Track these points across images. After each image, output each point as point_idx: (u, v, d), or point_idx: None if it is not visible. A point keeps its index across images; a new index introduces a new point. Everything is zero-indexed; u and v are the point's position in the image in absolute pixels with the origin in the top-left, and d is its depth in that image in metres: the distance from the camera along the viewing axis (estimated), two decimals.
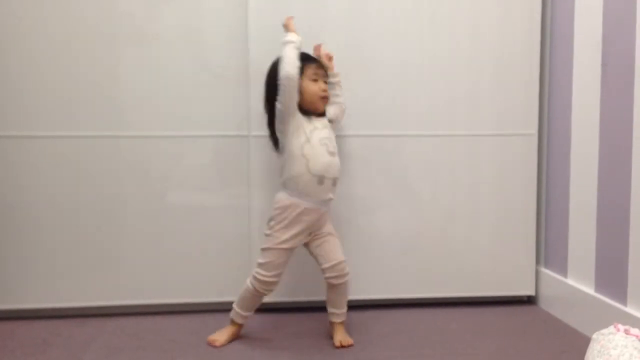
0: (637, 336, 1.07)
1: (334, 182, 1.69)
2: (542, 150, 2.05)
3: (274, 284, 1.68)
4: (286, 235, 1.65)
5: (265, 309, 1.98)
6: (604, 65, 1.71)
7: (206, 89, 1.93)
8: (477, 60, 2.00)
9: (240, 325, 1.75)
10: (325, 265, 1.70)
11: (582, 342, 1.68)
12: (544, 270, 2.05)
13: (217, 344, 1.69)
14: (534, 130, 2.03)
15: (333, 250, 1.70)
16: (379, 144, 1.98)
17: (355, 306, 1.97)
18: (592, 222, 1.77)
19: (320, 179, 1.64)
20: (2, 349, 1.66)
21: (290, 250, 1.68)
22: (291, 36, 1.66)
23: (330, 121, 1.75)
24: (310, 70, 1.69)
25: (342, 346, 1.68)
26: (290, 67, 1.61)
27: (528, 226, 2.06)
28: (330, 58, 1.79)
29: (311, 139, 1.65)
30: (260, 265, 1.67)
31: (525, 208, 2.06)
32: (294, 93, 1.63)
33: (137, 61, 1.91)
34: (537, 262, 2.08)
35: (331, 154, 1.67)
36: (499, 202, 2.05)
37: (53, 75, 1.88)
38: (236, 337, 1.74)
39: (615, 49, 1.67)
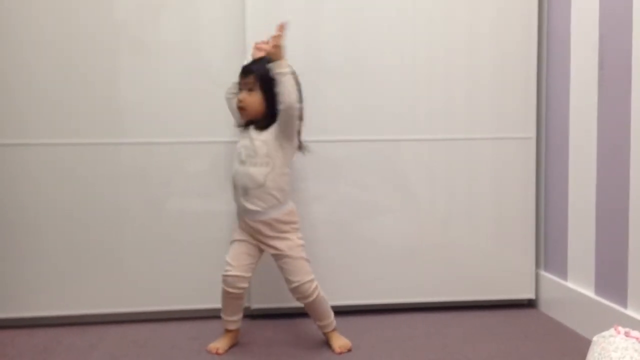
0: (637, 338, 1.07)
1: (245, 191, 1.64)
2: (540, 154, 2.06)
3: (235, 278, 1.66)
4: (235, 229, 1.73)
5: (265, 314, 1.98)
6: (601, 68, 1.71)
7: (204, 95, 1.94)
8: (474, 63, 2.01)
9: (233, 331, 1.74)
10: (289, 287, 1.69)
11: (582, 345, 1.68)
12: (544, 274, 2.05)
13: (221, 351, 1.69)
14: (532, 133, 2.04)
15: (293, 272, 1.67)
16: (377, 148, 1.99)
17: (355, 311, 1.97)
18: (592, 224, 1.78)
19: (234, 187, 1.68)
20: (3, 358, 1.66)
21: (244, 242, 1.68)
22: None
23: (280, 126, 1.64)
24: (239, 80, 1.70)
25: (343, 351, 1.68)
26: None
27: (527, 229, 2.06)
28: (274, 45, 1.58)
29: (236, 149, 1.70)
30: None
31: (524, 211, 2.06)
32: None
33: (136, 68, 1.92)
34: (537, 265, 2.08)
35: (241, 162, 1.65)
36: (498, 205, 2.05)
37: (52, 83, 1.88)
38: (234, 343, 1.74)
39: (612, 51, 1.67)
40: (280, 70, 1.58)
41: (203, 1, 1.93)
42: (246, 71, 1.67)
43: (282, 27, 1.59)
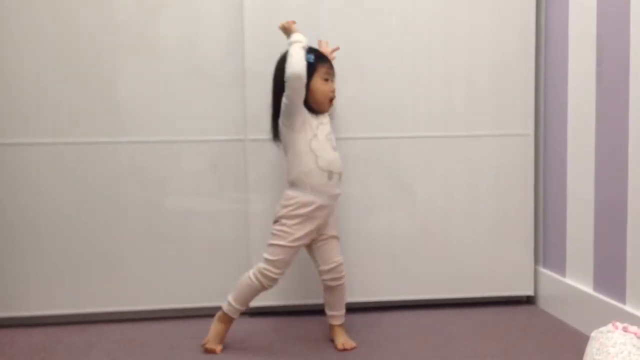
0: (635, 334, 1.08)
1: (340, 176, 1.70)
2: (539, 151, 2.06)
3: (275, 280, 1.67)
4: (301, 232, 1.64)
5: (265, 312, 1.99)
6: (599, 65, 1.72)
7: (203, 94, 1.94)
8: (473, 61, 2.01)
9: (232, 321, 1.72)
10: (323, 268, 1.71)
11: (581, 341, 1.68)
12: (543, 270, 2.05)
13: (218, 350, 1.68)
14: (530, 130, 2.04)
15: (332, 252, 1.71)
16: (377, 146, 1.99)
17: (354, 308, 1.97)
18: (590, 221, 1.78)
19: (330, 174, 1.65)
20: (2, 357, 1.66)
21: (299, 247, 1.68)
22: (297, 36, 1.65)
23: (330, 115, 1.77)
24: (323, 69, 1.68)
25: (345, 349, 1.68)
26: (297, 66, 1.59)
27: (526, 226, 2.06)
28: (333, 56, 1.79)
29: (318, 134, 1.66)
30: (270, 262, 1.64)
31: (523, 208, 2.06)
32: (302, 91, 1.62)
33: (135, 67, 1.92)
34: (536, 262, 2.09)
35: (334, 149, 1.69)
36: (496, 202, 2.05)
37: (51, 82, 1.88)
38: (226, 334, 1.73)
39: (610, 48, 1.67)
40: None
41: (202, 1, 1.93)
42: (331, 63, 1.72)
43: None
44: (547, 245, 2.05)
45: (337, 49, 1.79)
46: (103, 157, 1.92)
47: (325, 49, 1.76)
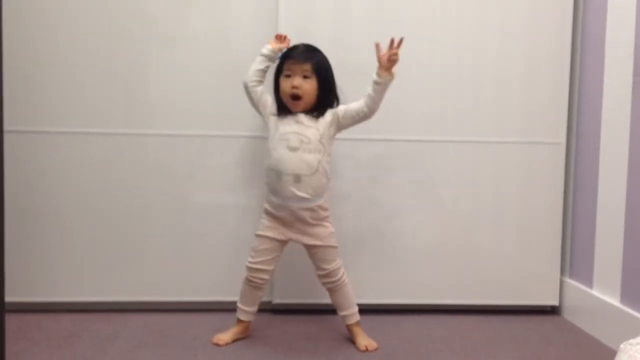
0: None
1: (297, 178, 1.62)
2: (570, 160, 2.03)
3: (258, 271, 1.70)
4: (265, 224, 1.71)
5: (286, 310, 1.99)
6: (636, 75, 1.69)
7: (232, 89, 1.94)
8: (504, 65, 1.99)
9: (245, 324, 1.75)
10: (318, 273, 1.73)
11: (606, 354, 1.66)
12: (569, 281, 2.02)
13: (221, 342, 1.70)
14: (562, 139, 2.01)
15: (325, 260, 1.70)
16: (403, 149, 1.98)
17: (377, 310, 1.97)
18: (620, 232, 1.75)
19: (277, 174, 1.65)
20: (29, 341, 1.70)
21: (270, 239, 1.69)
22: (264, 48, 1.74)
23: (336, 116, 1.69)
24: (285, 65, 1.69)
25: (368, 350, 1.68)
26: (245, 75, 1.73)
27: (553, 236, 2.04)
28: (390, 60, 1.61)
29: (275, 134, 1.68)
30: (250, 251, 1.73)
31: (550, 217, 2.03)
32: (249, 97, 1.74)
33: (165, 61, 1.94)
34: (562, 272, 2.06)
35: (292, 149, 1.63)
36: (524, 210, 2.03)
37: (83, 73, 1.91)
38: (242, 337, 1.75)
39: None
40: (390, 82, 1.65)
41: None
42: (304, 58, 1.66)
43: (401, 42, 1.63)
44: (574, 256, 2.02)
45: (393, 60, 1.62)
46: (131, 149, 1.94)
47: (380, 53, 1.63)
